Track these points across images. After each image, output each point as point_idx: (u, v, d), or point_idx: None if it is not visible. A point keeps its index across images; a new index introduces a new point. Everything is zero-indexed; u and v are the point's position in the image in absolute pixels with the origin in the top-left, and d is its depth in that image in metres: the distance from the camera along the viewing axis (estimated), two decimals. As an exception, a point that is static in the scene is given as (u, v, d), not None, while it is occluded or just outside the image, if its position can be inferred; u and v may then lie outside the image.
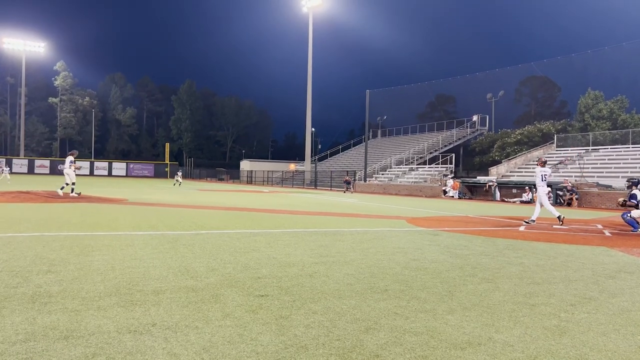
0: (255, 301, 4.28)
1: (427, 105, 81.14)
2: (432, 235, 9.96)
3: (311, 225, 11.22)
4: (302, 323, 3.68)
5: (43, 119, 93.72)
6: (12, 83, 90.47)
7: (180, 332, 3.39)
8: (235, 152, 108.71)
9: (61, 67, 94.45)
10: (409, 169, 45.68)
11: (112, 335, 3.29)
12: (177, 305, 4.08)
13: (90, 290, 4.46)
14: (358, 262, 6.43)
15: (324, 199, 26.25)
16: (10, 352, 2.93)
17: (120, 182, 46.76)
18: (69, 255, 6.23)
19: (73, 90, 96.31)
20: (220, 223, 11.06)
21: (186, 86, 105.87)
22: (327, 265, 6.12)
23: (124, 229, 9.37)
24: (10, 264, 5.54)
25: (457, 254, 7.37)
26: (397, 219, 13.73)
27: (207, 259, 6.31)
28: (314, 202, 21.87)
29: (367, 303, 4.33)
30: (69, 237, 7.97)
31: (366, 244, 8.25)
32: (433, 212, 17.28)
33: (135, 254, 6.52)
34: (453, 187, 33.68)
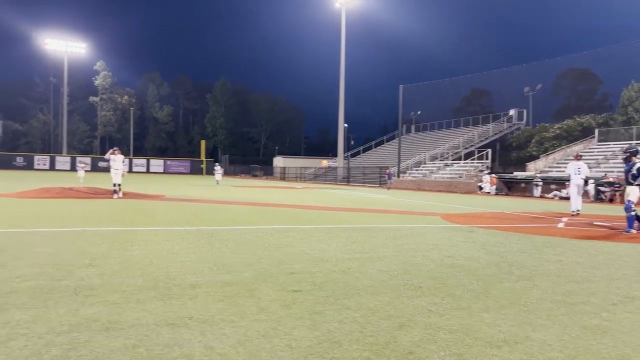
0: (289, 296, 4.32)
1: (462, 100, 79.79)
2: (468, 232, 9.82)
3: (344, 222, 11.22)
4: (335, 319, 3.69)
5: (84, 118, 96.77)
6: (55, 83, 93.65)
7: (216, 326, 3.45)
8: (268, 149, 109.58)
9: (101, 66, 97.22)
10: (443, 164, 45.05)
11: (151, 327, 3.38)
12: (213, 299, 4.17)
13: (130, 284, 4.60)
14: (391, 258, 6.40)
15: (357, 195, 26.19)
16: (55, 342, 3.05)
17: (157, 179, 47.87)
18: (109, 250, 6.43)
19: (112, 89, 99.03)
20: (255, 219, 11.19)
21: (220, 84, 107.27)
22: (360, 261, 6.12)
23: (161, 224, 9.60)
24: (55, 257, 5.77)
25: (493, 251, 7.24)
26: (432, 216, 13.58)
27: (241, 254, 6.40)
28: (346, 199, 21.86)
29: (401, 300, 4.31)
30: (110, 232, 8.23)
31: (400, 240, 8.20)
32: (468, 209, 17.01)
33: (172, 248, 6.68)
34: (490, 182, 33.04)
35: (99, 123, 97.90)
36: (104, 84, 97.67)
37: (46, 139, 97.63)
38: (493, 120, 55.64)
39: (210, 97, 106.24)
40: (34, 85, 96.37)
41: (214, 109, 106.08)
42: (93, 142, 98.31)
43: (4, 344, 2.98)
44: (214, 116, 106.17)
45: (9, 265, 5.22)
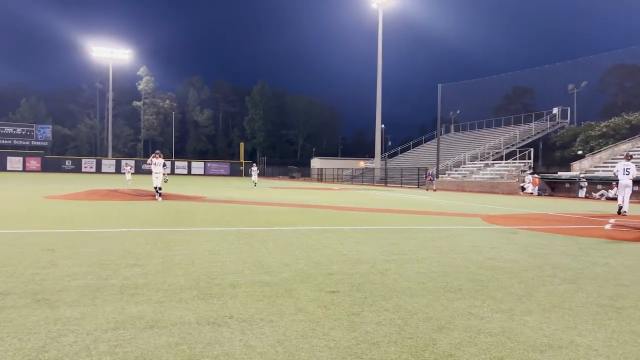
0: (327, 297, 4.34)
1: (503, 98, 77.97)
2: (509, 233, 9.60)
3: (382, 223, 11.17)
4: (373, 320, 3.69)
5: (128, 122, 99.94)
6: (101, 89, 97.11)
7: (255, 325, 3.51)
8: (305, 150, 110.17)
9: (144, 72, 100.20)
10: (484, 165, 44.13)
11: (193, 326, 3.47)
12: (252, 298, 4.23)
13: (173, 283, 4.73)
14: (430, 260, 6.33)
15: (395, 196, 26.00)
16: (102, 339, 3.18)
17: (198, 181, 48.88)
18: (153, 250, 6.62)
19: (155, 93, 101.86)
20: (292, 220, 11.28)
21: (259, 87, 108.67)
22: (398, 263, 6.08)
23: (202, 225, 9.81)
24: (102, 257, 5.99)
25: (535, 253, 7.05)
26: (472, 217, 13.34)
27: (280, 254, 6.47)
28: (384, 200, 21.73)
29: (440, 302, 4.27)
30: (153, 232, 8.47)
31: (439, 242, 8.10)
32: (510, 210, 16.61)
33: (213, 249, 6.82)
34: (533, 183, 32.15)
35: (142, 127, 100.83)
36: (147, 88, 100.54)
37: (93, 143, 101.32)
38: (535, 119, 54.08)
39: (248, 100, 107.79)
40: (82, 91, 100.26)
41: (253, 111, 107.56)
42: (137, 146, 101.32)
43: (56, 340, 3.13)
44: (253, 119, 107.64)
45: (59, 265, 5.46)
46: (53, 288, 4.42)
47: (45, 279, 4.77)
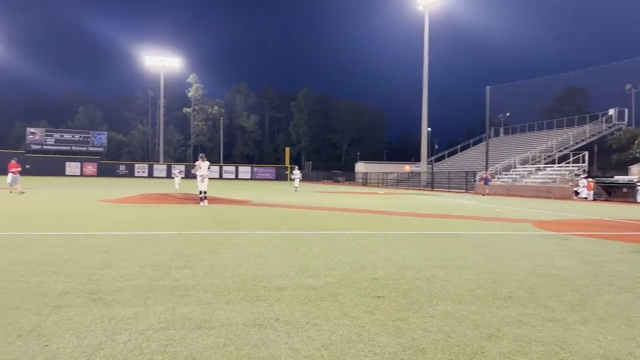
0: (372, 302, 4.32)
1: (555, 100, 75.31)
2: (562, 239, 9.24)
3: (428, 228, 11.00)
4: (420, 326, 3.64)
5: (178, 128, 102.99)
6: (153, 96, 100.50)
7: (301, 328, 3.54)
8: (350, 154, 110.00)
9: (193, 79, 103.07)
10: (535, 168, 42.69)
11: (240, 327, 3.54)
12: (298, 302, 4.27)
13: (221, 285, 4.83)
14: (479, 266, 6.18)
15: (442, 200, 25.56)
16: (154, 338, 3.29)
17: (245, 185, 49.73)
18: (202, 252, 6.79)
19: (204, 100, 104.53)
20: (337, 224, 11.29)
21: (304, 92, 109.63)
22: (445, 269, 5.98)
23: (249, 228, 9.97)
24: (153, 259, 6.20)
25: (590, 261, 6.76)
26: (522, 222, 12.93)
27: (325, 258, 6.49)
28: (430, 204, 21.40)
29: (489, 309, 4.16)
30: (202, 235, 8.69)
31: (488, 248, 7.90)
32: (563, 215, 15.99)
33: (259, 252, 6.92)
34: (587, 187, 30.84)
35: (191, 132, 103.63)
36: (196, 95, 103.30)
37: (145, 148, 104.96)
38: (590, 121, 51.86)
39: (294, 105, 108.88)
40: (135, 98, 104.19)
41: (298, 116, 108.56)
42: (186, 151, 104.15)
43: (110, 338, 3.26)
44: (298, 124, 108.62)
45: (113, 266, 5.69)
46: (108, 288, 4.60)
47: (100, 279, 4.98)
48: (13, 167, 22.14)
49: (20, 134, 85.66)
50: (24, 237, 8.01)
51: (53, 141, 77.36)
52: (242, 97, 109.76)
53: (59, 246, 7.03)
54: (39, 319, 3.63)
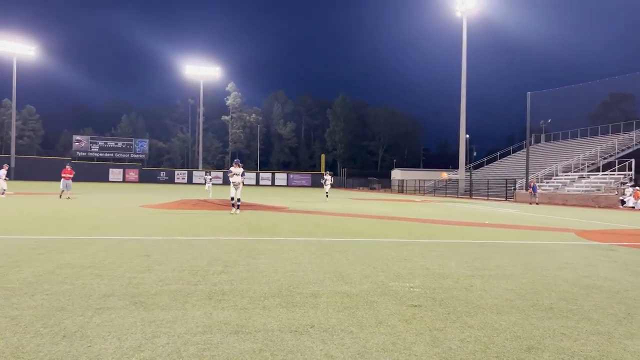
0: (409, 311, 4.27)
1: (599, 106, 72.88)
2: (607, 250, 8.90)
3: (466, 236, 10.80)
4: (457, 337, 3.58)
5: (217, 135, 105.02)
6: (193, 104, 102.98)
7: (336, 336, 3.53)
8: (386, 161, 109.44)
9: (231, 88, 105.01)
10: (578, 176, 41.30)
11: (276, 333, 3.56)
12: (333, 309, 4.26)
13: (257, 290, 4.88)
14: (519, 277, 6.03)
15: (480, 209, 25.05)
16: (192, 341, 3.35)
17: (281, 191, 50.10)
18: (239, 258, 6.88)
19: (242, 108, 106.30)
20: (372, 231, 11.23)
21: (340, 99, 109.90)
22: (484, 278, 5.85)
23: (285, 234, 10.04)
24: (192, 264, 6.32)
25: (637, 272, 6.48)
26: (565, 232, 12.53)
27: (360, 266, 6.47)
28: (469, 212, 21.01)
29: (529, 321, 4.05)
30: (239, 241, 8.80)
31: (528, 257, 7.69)
32: (608, 225, 15.39)
33: (295, 258, 6.96)
34: (634, 196, 29.61)
35: (230, 140, 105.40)
36: (234, 103, 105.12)
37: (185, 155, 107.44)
38: (636, 127, 49.79)
39: (330, 113, 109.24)
40: (176, 107, 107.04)
41: (334, 123, 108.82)
42: (225, 158, 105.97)
43: (150, 340, 3.34)
44: (334, 131, 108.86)
45: (154, 270, 5.83)
46: (148, 292, 4.72)
47: (141, 282, 5.11)
48: (66, 172, 23.01)
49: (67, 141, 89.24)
50: (71, 240, 8.31)
51: (97, 148, 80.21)
52: (279, 104, 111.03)
53: (102, 250, 7.27)
54: (83, 320, 3.76)
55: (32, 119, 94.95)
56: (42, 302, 4.25)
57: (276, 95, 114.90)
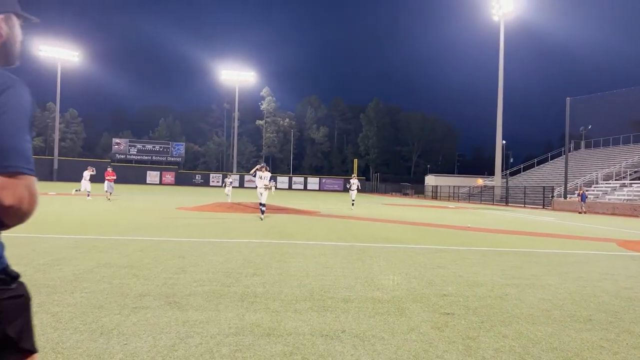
0: (441, 319, 4.22)
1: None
2: (651, 262, 8.55)
3: (501, 244, 10.58)
4: (491, 346, 3.51)
5: (251, 139, 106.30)
6: (228, 109, 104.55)
7: (367, 341, 3.52)
8: (420, 167, 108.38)
9: (266, 92, 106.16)
10: (620, 184, 39.90)
11: (307, 337, 3.57)
12: (365, 314, 4.25)
13: (289, 294, 4.91)
14: (556, 287, 5.86)
15: (516, 216, 24.49)
16: (224, 342, 3.40)
17: (313, 195, 50.24)
18: (271, 261, 6.94)
19: (276, 112, 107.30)
20: (405, 237, 11.13)
21: (373, 104, 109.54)
22: (519, 287, 5.72)
23: (316, 238, 10.06)
24: (225, 265, 6.41)
25: (685, 286, 6.20)
26: (605, 242, 12.11)
27: (392, 272, 6.42)
28: (504, 220, 20.57)
29: (567, 332, 3.93)
30: (271, 244, 8.88)
31: (566, 267, 7.47)
32: (653, 235, 14.79)
33: (326, 262, 6.97)
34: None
35: (263, 144, 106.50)
36: (269, 108, 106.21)
37: (220, 159, 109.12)
38: (684, 134, 47.75)
39: (363, 117, 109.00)
40: (211, 111, 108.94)
41: (367, 128, 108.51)
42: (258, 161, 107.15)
43: (184, 340, 3.41)
44: (367, 135, 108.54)
45: (188, 271, 5.95)
46: (182, 292, 4.82)
47: (176, 283, 5.22)
48: (109, 175, 23.69)
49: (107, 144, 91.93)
50: (110, 240, 8.56)
51: (135, 151, 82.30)
52: (313, 109, 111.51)
53: (139, 250, 7.46)
54: (120, 318, 3.86)
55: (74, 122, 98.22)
56: (82, 299, 4.39)
57: (310, 99, 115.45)
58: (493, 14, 55.32)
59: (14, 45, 1.52)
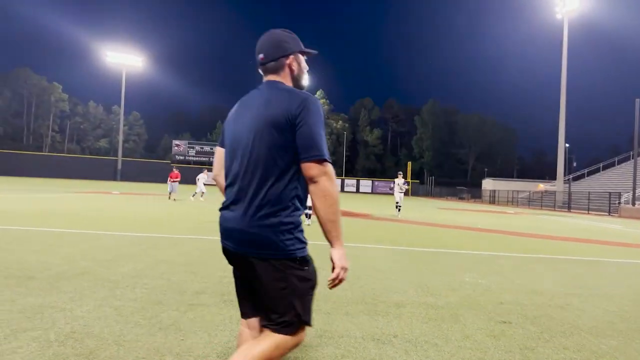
0: (497, 327, 4.09)
1: None
2: None
3: (563, 252, 10.13)
4: (550, 358, 3.37)
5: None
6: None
7: (420, 347, 3.47)
8: (477, 171, 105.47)
9: (320, 95, 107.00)
10: (696, 191, 37.23)
11: (358, 340, 3.56)
12: (417, 320, 4.19)
13: (340, 296, 4.91)
14: (622, 298, 5.55)
15: (580, 223, 23.37)
16: (277, 341, 3.44)
17: (366, 198, 50.03)
18: (322, 263, 6.95)
19: (329, 115, 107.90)
20: (460, 243, 10.87)
21: (429, 105, 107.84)
22: (582, 297, 5.46)
23: (368, 242, 10.01)
24: (278, 266, 6.49)
25: None
26: (679, 252, 11.33)
27: (446, 277, 6.29)
28: (567, 227, 19.68)
29: (633, 346, 3.71)
30: (323, 245, 8.89)
31: (634, 278, 7.06)
32: None
33: (378, 266, 6.92)
34: None
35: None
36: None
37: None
38: None
39: (418, 119, 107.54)
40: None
41: (422, 130, 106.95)
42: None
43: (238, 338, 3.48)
44: (421, 138, 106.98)
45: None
46: (237, 291, 4.92)
47: (231, 282, 5.30)
48: (174, 176, 24.51)
49: (167, 145, 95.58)
50: (170, 239, 8.88)
51: (194, 152, 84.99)
52: (366, 111, 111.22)
53: (197, 249, 7.69)
54: (177, 314, 4.00)
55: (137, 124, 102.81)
56: (142, 295, 4.58)
57: (363, 102, 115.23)
58: (556, 12, 53.17)
59: (302, 75, 2.26)
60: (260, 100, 2.07)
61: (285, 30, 2.25)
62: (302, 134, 1.94)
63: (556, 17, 53.53)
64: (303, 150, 1.95)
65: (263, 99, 2.06)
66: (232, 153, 2.14)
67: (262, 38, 2.22)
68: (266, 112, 2.00)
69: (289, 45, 2.20)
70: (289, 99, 1.99)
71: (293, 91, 2.05)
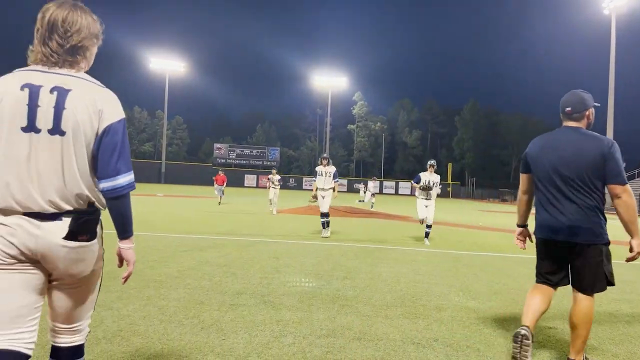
0: (542, 332, 3.98)
1: None
2: None
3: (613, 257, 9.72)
4: (598, 366, 3.25)
5: (343, 144, 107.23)
6: (320, 114, 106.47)
7: (461, 352, 3.41)
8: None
9: (358, 97, 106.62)
10: None
11: (398, 343, 3.53)
12: (458, 324, 4.12)
13: (379, 299, 4.89)
14: (678, 305, 5.28)
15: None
16: (316, 344, 3.46)
17: (405, 200, 49.51)
18: (361, 265, 6.95)
19: (367, 117, 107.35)
20: (503, 246, 10.60)
21: (470, 106, 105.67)
22: (632, 303, 5.24)
23: (408, 244, 9.92)
24: (317, 268, 6.52)
25: None
26: None
27: (488, 281, 6.16)
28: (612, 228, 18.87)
29: (691, 357, 3.53)
30: (362, 248, 8.89)
31: (690, 284, 6.70)
32: None
33: (418, 269, 6.84)
34: None
35: (354, 148, 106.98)
36: (360, 112, 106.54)
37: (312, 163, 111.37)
38: None
39: (458, 120, 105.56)
40: (304, 117, 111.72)
41: (462, 131, 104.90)
42: (349, 166, 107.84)
43: (278, 339, 3.51)
44: (462, 139, 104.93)
45: (282, 271, 6.13)
46: (277, 292, 4.97)
47: (270, 283, 5.40)
48: (220, 181, 24.71)
49: (209, 149, 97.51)
50: (210, 240, 9.06)
51: (235, 155, 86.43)
52: (405, 112, 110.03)
53: (236, 250, 7.82)
54: (218, 314, 4.07)
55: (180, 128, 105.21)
56: (185, 295, 4.69)
57: (402, 103, 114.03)
58: (603, 8, 51.18)
59: (592, 122, 3.38)
60: (572, 141, 3.26)
61: (584, 90, 3.31)
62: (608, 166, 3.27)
63: (603, 13, 51.51)
64: (612, 177, 3.29)
65: (574, 140, 3.24)
66: (549, 180, 3.48)
67: (568, 96, 3.31)
68: (584, 151, 3.20)
69: (588, 102, 3.27)
70: (600, 141, 3.16)
71: (597, 135, 3.21)
